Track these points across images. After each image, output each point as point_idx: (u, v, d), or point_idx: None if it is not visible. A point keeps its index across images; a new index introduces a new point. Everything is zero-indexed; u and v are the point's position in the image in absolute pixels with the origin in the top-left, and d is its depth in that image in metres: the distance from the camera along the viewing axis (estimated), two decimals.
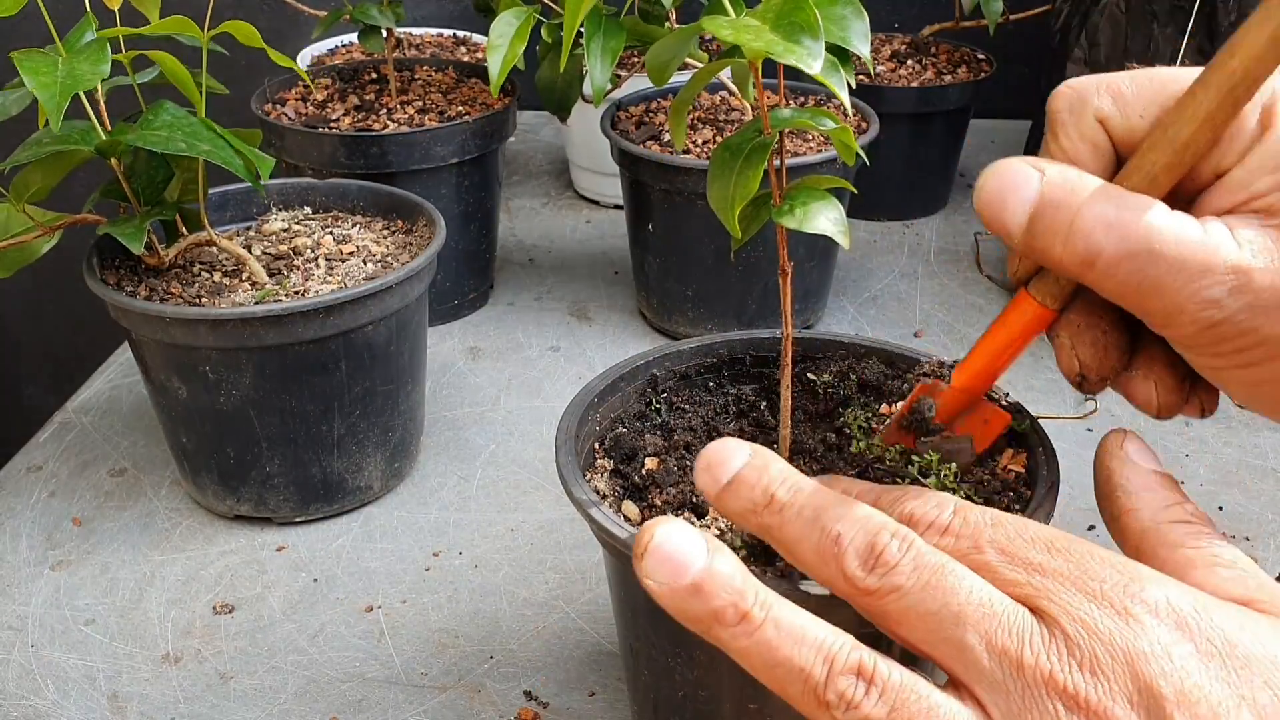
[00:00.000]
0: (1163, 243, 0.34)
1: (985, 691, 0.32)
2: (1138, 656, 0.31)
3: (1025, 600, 0.33)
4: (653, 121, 0.89)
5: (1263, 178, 0.35)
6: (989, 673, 0.32)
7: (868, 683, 0.32)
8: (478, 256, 0.91)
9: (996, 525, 0.34)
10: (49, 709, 0.56)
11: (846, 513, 0.35)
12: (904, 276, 0.98)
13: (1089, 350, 0.39)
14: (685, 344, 0.52)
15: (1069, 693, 0.31)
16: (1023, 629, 0.32)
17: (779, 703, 0.42)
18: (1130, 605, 0.31)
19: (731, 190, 0.38)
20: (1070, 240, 0.35)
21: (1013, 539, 0.34)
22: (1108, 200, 0.35)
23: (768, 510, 0.36)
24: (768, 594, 0.34)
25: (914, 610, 0.33)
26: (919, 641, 0.33)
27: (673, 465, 0.47)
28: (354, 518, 0.69)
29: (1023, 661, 0.31)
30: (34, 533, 0.68)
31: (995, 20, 1.03)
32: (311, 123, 0.87)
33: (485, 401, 0.81)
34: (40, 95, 0.53)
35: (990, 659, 0.32)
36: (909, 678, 0.32)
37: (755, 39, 0.33)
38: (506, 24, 0.45)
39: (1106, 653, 0.31)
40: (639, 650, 0.46)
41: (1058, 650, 0.31)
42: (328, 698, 0.56)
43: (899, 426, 0.44)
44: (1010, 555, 0.33)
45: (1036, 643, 0.31)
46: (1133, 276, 0.35)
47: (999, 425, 0.44)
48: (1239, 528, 0.67)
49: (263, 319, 0.60)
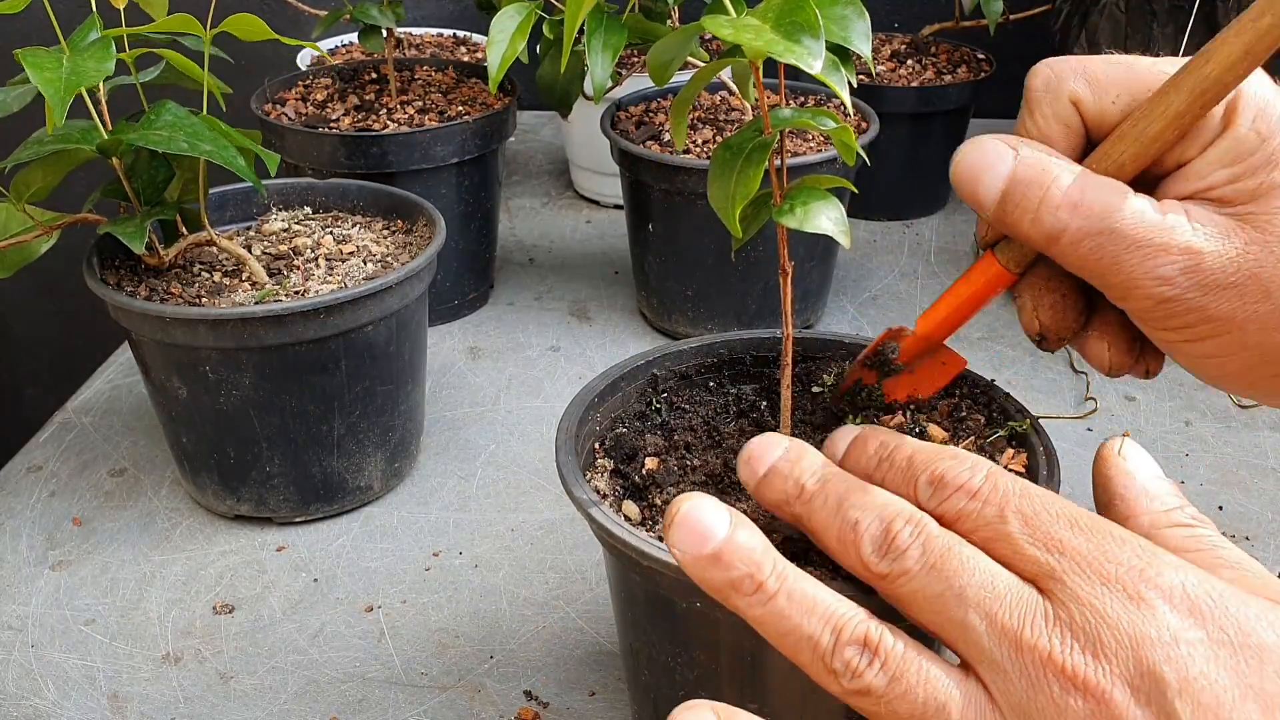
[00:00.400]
0: (1123, 223, 0.37)
1: (986, 671, 0.32)
2: (1143, 641, 0.31)
3: (1036, 578, 0.33)
4: (653, 121, 0.89)
5: (1219, 170, 0.38)
6: (989, 652, 0.32)
7: (872, 654, 0.33)
8: (478, 256, 0.91)
9: (1024, 495, 0.35)
10: (49, 709, 0.56)
11: (866, 500, 0.36)
12: (904, 276, 0.98)
13: (1049, 312, 0.42)
14: (686, 344, 0.52)
15: (1067, 673, 0.31)
16: (1025, 609, 0.32)
17: (778, 701, 0.42)
18: (1144, 589, 0.31)
19: (732, 190, 0.38)
20: (1038, 217, 0.38)
21: (1038, 511, 0.34)
22: (1075, 183, 0.38)
23: (799, 500, 0.38)
24: (785, 566, 0.35)
25: (921, 593, 0.34)
26: (928, 623, 0.34)
27: (673, 465, 0.47)
28: (354, 518, 0.69)
29: (1022, 641, 0.32)
30: (34, 533, 0.68)
31: (995, 20, 1.03)
32: (311, 123, 0.87)
33: (485, 401, 0.81)
34: (45, 91, 0.53)
35: (990, 638, 0.32)
36: (912, 652, 0.33)
37: (756, 38, 0.33)
38: (508, 19, 0.45)
39: (1111, 635, 0.31)
40: (639, 650, 0.46)
41: (1060, 631, 0.31)
42: (328, 698, 0.56)
43: (862, 364, 0.48)
44: (1033, 527, 0.34)
45: (1039, 623, 0.32)
46: (1093, 253, 0.38)
47: (954, 368, 0.48)
48: (1239, 528, 0.67)
49: (263, 319, 0.60)
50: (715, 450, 0.49)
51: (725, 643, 0.42)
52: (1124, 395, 0.79)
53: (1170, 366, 0.43)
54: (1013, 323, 0.89)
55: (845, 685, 0.34)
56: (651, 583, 0.42)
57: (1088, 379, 0.81)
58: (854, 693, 0.34)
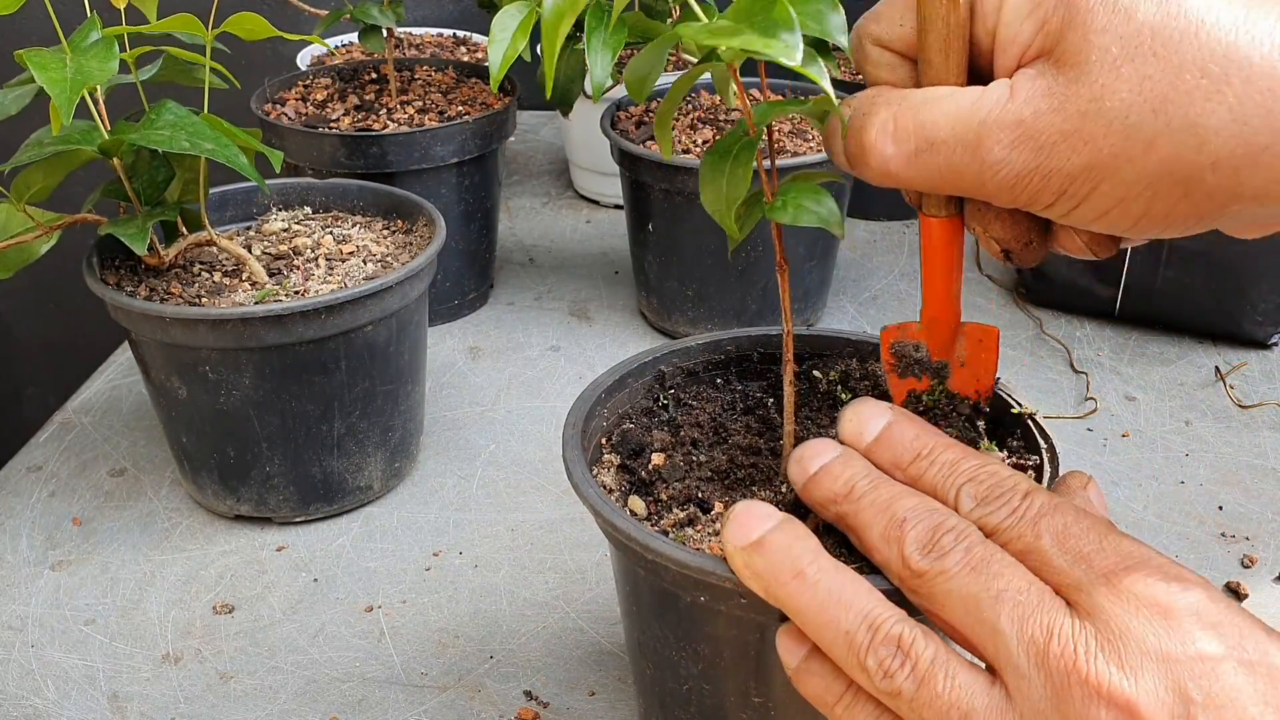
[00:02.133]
0: (935, 129, 0.36)
1: (1011, 677, 0.33)
2: (1170, 657, 0.31)
3: (1065, 590, 0.34)
4: (653, 122, 0.89)
5: (1023, 24, 0.36)
6: (1016, 658, 0.33)
7: (904, 655, 0.34)
8: (478, 256, 0.91)
9: (1057, 511, 0.36)
10: (49, 709, 0.56)
11: (916, 503, 0.37)
12: (904, 276, 0.98)
13: (998, 227, 0.40)
14: (694, 340, 0.53)
15: (1092, 683, 0.31)
16: (1055, 619, 0.33)
17: (782, 696, 0.42)
18: (1171, 605, 0.32)
19: (724, 191, 0.39)
20: (867, 160, 0.38)
21: (1069, 526, 0.35)
22: (885, 107, 0.38)
23: (847, 499, 0.39)
24: (827, 561, 0.36)
25: (957, 593, 0.34)
26: (958, 624, 0.35)
27: (679, 460, 0.47)
28: (354, 518, 0.69)
29: (1049, 650, 0.32)
30: (34, 533, 0.68)
31: None
32: (311, 123, 0.87)
33: (485, 401, 0.81)
34: (51, 91, 0.53)
35: (1019, 645, 0.33)
36: (943, 656, 0.34)
37: (732, 38, 0.34)
38: (509, 17, 0.45)
39: (1138, 649, 0.31)
40: (644, 645, 0.46)
41: (1086, 642, 0.32)
42: (328, 698, 0.56)
43: (896, 374, 0.45)
44: (1063, 543, 0.35)
45: (1065, 633, 0.32)
46: (926, 170, 0.37)
47: (991, 338, 0.45)
48: (1239, 528, 0.67)
49: (263, 319, 0.60)
50: (721, 446, 0.49)
51: (728, 636, 0.42)
52: (1124, 395, 0.79)
53: (1169, 366, 0.43)
54: (1011, 323, 0.89)
55: (877, 684, 0.34)
56: (657, 577, 0.42)
57: (1087, 379, 0.81)
58: (884, 693, 0.34)
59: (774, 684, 0.42)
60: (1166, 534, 0.66)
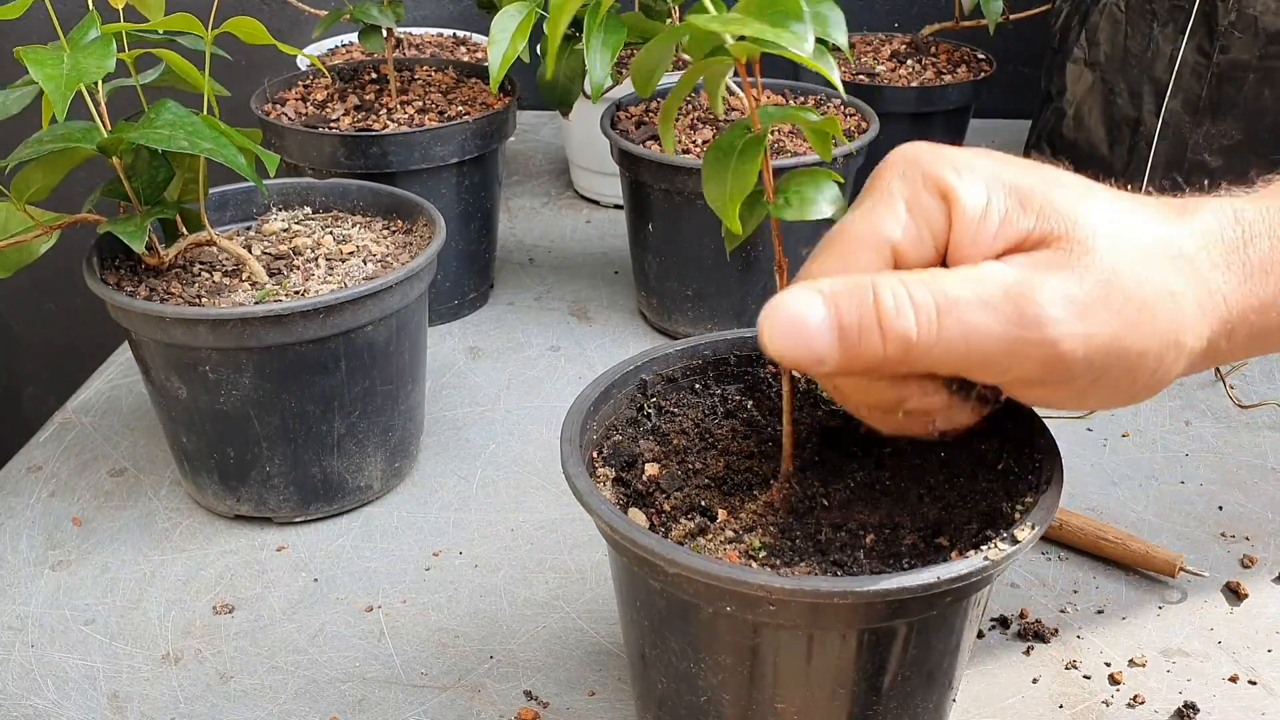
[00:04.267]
0: (961, 299, 0.38)
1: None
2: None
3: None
4: (653, 121, 0.89)
5: (984, 256, 0.39)
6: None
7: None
8: (478, 256, 0.91)
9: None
10: (49, 709, 0.56)
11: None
12: None
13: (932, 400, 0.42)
14: (672, 346, 0.52)
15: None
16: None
17: (805, 701, 0.41)
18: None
19: (729, 186, 0.39)
20: (887, 336, 0.38)
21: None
22: (899, 285, 0.38)
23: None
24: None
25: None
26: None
27: (675, 470, 0.47)
28: (354, 518, 0.69)
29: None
30: (34, 533, 0.68)
31: (995, 20, 1.03)
32: (311, 123, 0.87)
33: (485, 401, 0.81)
34: (47, 87, 0.53)
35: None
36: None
37: (742, 27, 0.34)
38: (509, 18, 0.45)
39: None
40: (654, 658, 0.45)
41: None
42: (328, 698, 0.56)
43: None
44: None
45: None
46: (949, 336, 0.38)
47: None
48: (1239, 528, 0.67)
49: (263, 319, 0.60)
50: (712, 452, 0.48)
51: (753, 645, 0.41)
52: None
53: None
54: None
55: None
56: (676, 589, 0.41)
57: None
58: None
59: (798, 690, 0.42)
60: (1166, 534, 0.66)
